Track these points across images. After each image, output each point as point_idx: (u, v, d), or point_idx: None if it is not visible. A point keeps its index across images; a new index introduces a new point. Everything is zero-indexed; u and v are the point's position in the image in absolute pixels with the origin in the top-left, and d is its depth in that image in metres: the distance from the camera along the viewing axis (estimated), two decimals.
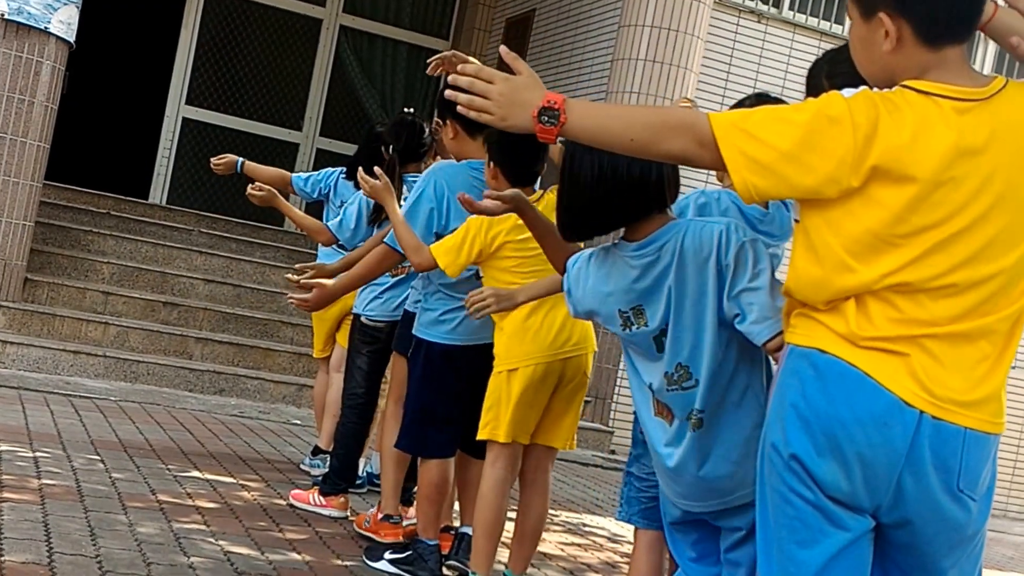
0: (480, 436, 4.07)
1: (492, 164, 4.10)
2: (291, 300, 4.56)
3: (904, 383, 2.11)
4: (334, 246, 5.95)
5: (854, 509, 2.17)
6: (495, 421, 4.02)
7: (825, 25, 9.97)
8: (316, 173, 6.21)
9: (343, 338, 5.96)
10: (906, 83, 2.14)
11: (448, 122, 4.37)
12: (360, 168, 4.57)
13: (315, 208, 6.78)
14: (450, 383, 4.31)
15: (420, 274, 4.41)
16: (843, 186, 2.10)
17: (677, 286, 2.76)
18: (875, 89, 2.18)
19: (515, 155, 4.07)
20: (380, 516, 4.76)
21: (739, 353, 2.76)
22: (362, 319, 5.25)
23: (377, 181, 4.32)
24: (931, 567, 2.22)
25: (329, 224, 5.43)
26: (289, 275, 4.69)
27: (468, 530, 4.45)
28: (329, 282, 4.52)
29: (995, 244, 2.12)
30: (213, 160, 6.08)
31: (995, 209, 2.11)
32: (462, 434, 4.38)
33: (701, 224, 2.80)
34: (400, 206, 4.39)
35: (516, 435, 4.04)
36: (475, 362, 4.25)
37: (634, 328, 2.83)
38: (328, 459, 5.84)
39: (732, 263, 2.68)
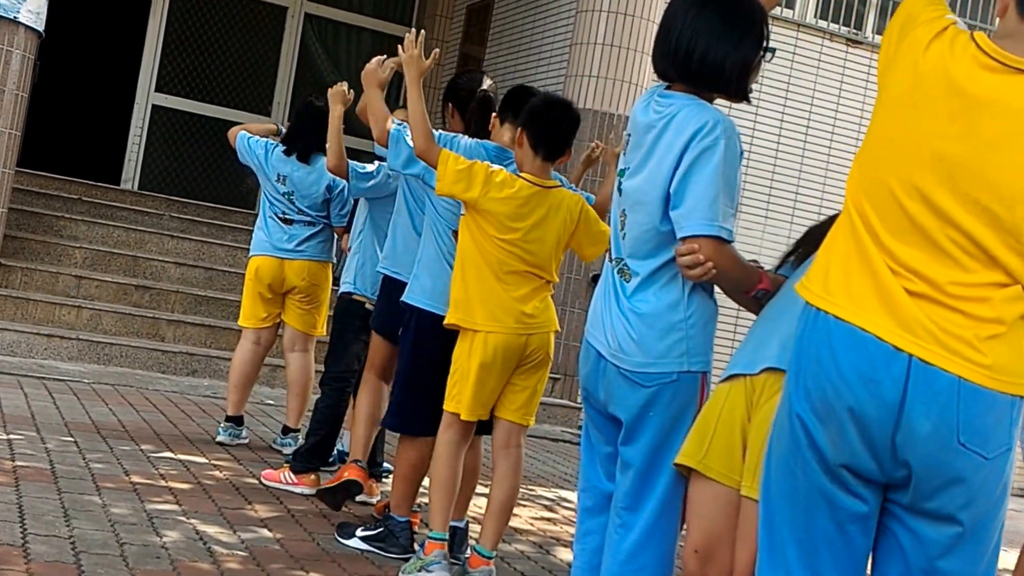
0: (446, 407, 4.15)
1: (520, 129, 4.10)
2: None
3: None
4: (302, 225, 5.99)
5: (857, 478, 2.23)
6: (459, 395, 4.10)
7: (776, 11, 10.09)
8: (260, 139, 6.13)
9: (291, 318, 6.08)
10: (975, 34, 2.23)
11: (451, 106, 4.49)
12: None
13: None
14: (440, 357, 4.30)
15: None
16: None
17: (654, 142, 2.97)
18: (959, 24, 2.28)
19: (547, 122, 4.10)
20: (349, 459, 4.88)
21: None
22: (354, 296, 5.30)
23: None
24: (946, 534, 2.23)
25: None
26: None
27: (460, 524, 4.51)
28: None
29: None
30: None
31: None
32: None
33: (705, 107, 2.97)
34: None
35: (478, 412, 4.14)
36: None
37: (622, 155, 3.12)
38: (298, 437, 5.95)
39: (699, 150, 2.86)
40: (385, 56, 4.59)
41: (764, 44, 3.01)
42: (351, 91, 5.06)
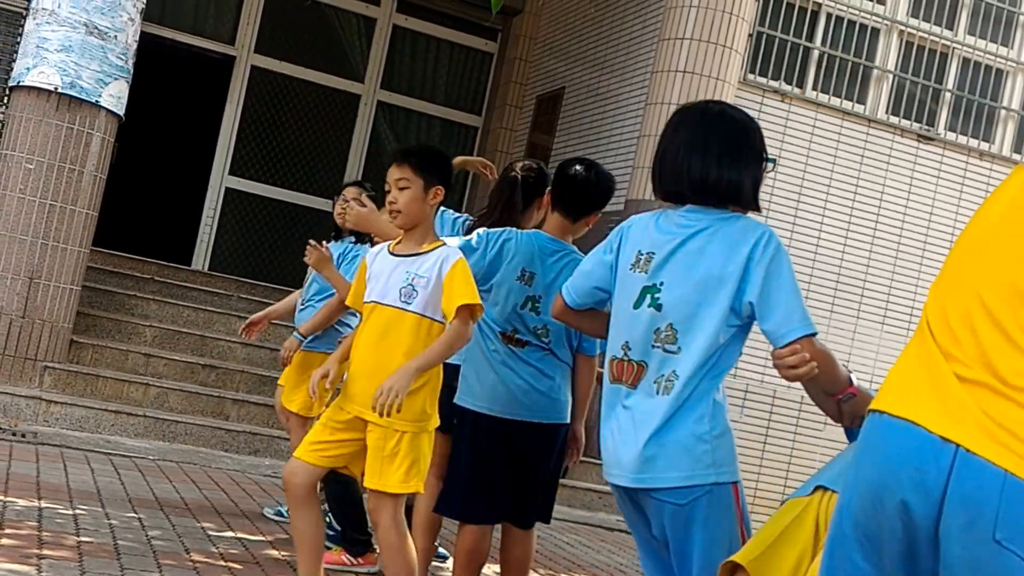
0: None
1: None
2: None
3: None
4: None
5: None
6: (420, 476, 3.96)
7: (847, 105, 10.17)
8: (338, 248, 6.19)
9: None
10: None
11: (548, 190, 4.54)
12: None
13: None
14: (499, 450, 4.27)
15: None
16: None
17: (696, 254, 3.02)
18: None
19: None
20: None
21: (727, 351, 3.03)
22: None
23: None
24: None
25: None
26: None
27: None
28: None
29: None
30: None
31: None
32: (510, 508, 4.34)
33: (749, 219, 3.07)
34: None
35: None
36: (526, 436, 4.25)
37: (636, 271, 3.11)
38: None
39: (767, 260, 2.95)
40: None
41: (764, 156, 3.16)
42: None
